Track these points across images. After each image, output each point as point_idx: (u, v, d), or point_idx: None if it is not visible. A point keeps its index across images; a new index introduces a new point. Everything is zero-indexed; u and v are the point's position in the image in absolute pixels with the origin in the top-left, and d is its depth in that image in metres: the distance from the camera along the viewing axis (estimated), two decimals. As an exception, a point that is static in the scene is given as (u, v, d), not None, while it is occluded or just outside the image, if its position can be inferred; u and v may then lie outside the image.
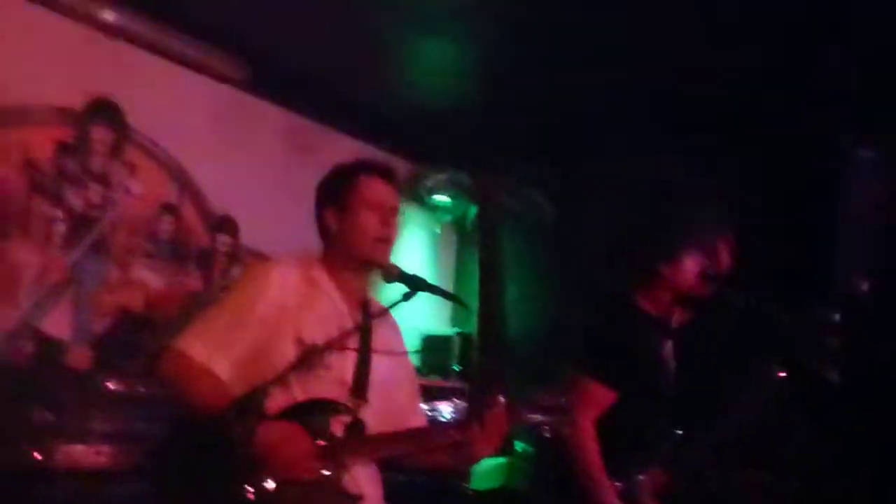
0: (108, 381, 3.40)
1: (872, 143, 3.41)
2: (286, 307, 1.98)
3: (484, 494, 4.21)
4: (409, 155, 5.35)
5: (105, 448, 3.12)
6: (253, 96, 4.46)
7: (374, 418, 2.02)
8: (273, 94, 4.54)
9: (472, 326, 4.97)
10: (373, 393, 2.03)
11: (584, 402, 2.59)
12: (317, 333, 1.96)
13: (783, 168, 3.44)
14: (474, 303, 5.03)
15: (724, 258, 2.82)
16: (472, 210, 5.34)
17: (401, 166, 5.36)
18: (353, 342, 2.01)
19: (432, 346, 4.92)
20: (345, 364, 2.00)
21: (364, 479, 2.00)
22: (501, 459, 4.54)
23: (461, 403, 4.37)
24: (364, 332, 2.05)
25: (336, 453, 1.90)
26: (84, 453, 3.10)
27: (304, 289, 2.04)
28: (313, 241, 2.17)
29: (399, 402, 2.16)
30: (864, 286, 3.41)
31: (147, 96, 3.96)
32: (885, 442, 3.40)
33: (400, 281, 2.01)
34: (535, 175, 5.13)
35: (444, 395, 4.36)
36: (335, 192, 2.11)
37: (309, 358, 1.80)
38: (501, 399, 1.99)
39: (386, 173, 2.15)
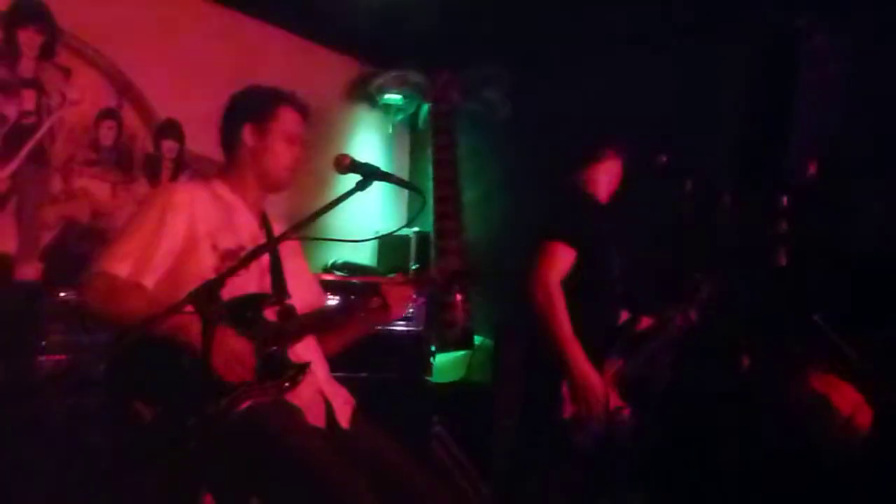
0: (59, 293, 3.33)
1: (828, 28, 3.38)
2: (196, 220, 2.13)
3: (445, 387, 4.30)
4: (360, 53, 5.23)
5: (63, 358, 3.09)
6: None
7: (296, 307, 2.23)
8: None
9: (429, 225, 4.96)
10: (290, 288, 2.23)
11: (550, 261, 2.80)
12: (230, 240, 2.14)
13: (738, 52, 3.43)
14: (430, 202, 5.01)
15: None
16: (425, 109, 5.25)
17: (351, 66, 5.25)
18: (270, 245, 2.17)
19: (389, 246, 4.92)
20: (261, 265, 2.17)
21: (304, 349, 2.18)
22: (462, 352, 4.64)
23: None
24: (270, 235, 2.28)
25: (276, 334, 2.08)
26: (42, 365, 3.06)
27: (211, 202, 2.20)
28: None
29: (311, 296, 2.38)
30: (812, 171, 3.45)
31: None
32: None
33: (353, 171, 2.01)
34: (491, 73, 5.04)
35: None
36: (256, 112, 2.26)
37: (232, 272, 1.83)
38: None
39: (304, 108, 2.31)
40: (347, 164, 1.99)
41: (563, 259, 2.83)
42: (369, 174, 1.97)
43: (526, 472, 2.99)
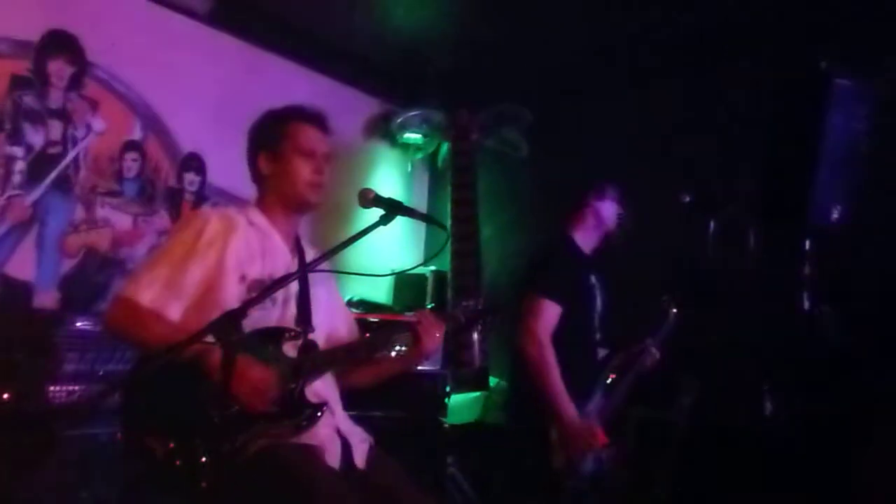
0: (76, 322, 3.33)
1: (852, 71, 3.38)
2: (227, 248, 2.07)
3: (460, 428, 4.24)
4: (381, 93, 5.27)
5: (76, 388, 3.07)
6: (217, 29, 4.32)
7: (321, 342, 2.17)
8: (237, 27, 4.40)
9: (446, 264, 4.94)
10: (316, 319, 2.16)
11: (538, 316, 2.91)
12: (260, 271, 2.08)
13: (762, 95, 3.43)
14: (448, 242, 4.99)
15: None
16: (445, 147, 5.26)
17: (372, 104, 5.29)
18: (293, 276, 2.08)
19: (406, 284, 4.89)
20: (288, 296, 2.11)
21: (321, 387, 2.13)
22: (477, 393, 4.57)
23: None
24: (301, 262, 2.17)
25: (295, 371, 2.02)
26: (56, 394, 3.05)
27: (244, 231, 2.12)
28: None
29: (339, 325, 2.33)
30: (836, 214, 3.42)
31: (107, 29, 3.82)
32: (858, 364, 3.42)
33: (376, 205, 2.00)
34: (510, 112, 5.05)
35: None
36: (268, 138, 2.20)
37: (259, 299, 1.82)
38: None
39: (318, 120, 2.22)
40: (371, 199, 1.98)
41: (550, 314, 2.94)
42: (393, 208, 1.96)
43: None
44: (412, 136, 5.23)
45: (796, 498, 3.23)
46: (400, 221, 1.99)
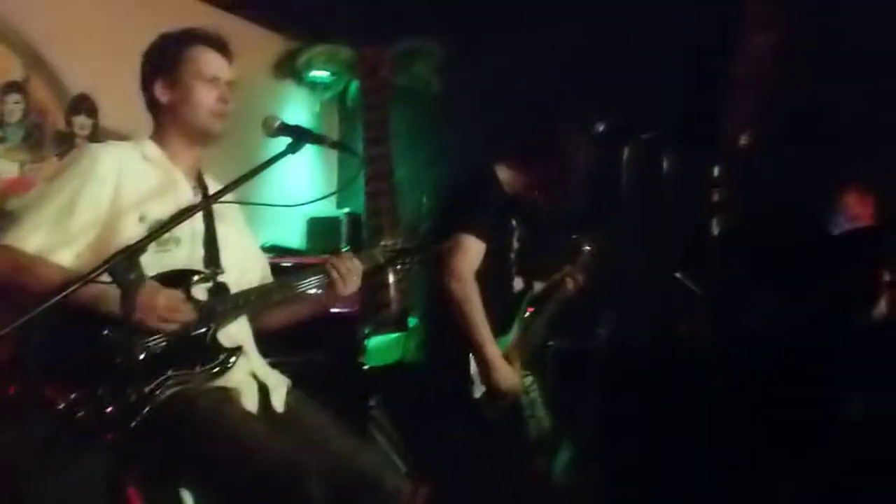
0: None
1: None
2: (122, 187, 1.93)
3: (380, 370, 4.20)
4: (286, 29, 5.05)
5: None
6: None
7: (232, 284, 2.03)
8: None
9: (360, 206, 4.84)
10: (226, 260, 2.03)
11: (463, 254, 2.82)
12: (160, 210, 1.92)
13: (673, 21, 3.43)
14: (360, 183, 4.88)
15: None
16: (354, 85, 5.11)
17: (277, 41, 5.06)
18: (198, 216, 1.96)
19: (319, 227, 4.78)
20: (194, 236, 1.99)
21: (235, 330, 2.01)
22: (395, 335, 4.53)
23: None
24: (206, 203, 2.01)
25: (206, 316, 1.89)
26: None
27: (139, 166, 1.99)
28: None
29: (251, 265, 2.19)
30: (745, 139, 3.50)
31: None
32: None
33: (283, 133, 1.90)
34: (421, 48, 4.93)
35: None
36: (165, 63, 2.04)
37: (156, 235, 1.71)
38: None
39: (219, 43, 2.09)
40: (277, 127, 1.88)
41: (474, 252, 2.87)
42: (302, 136, 1.86)
43: (445, 450, 3.00)
44: (319, 75, 5.05)
45: (718, 421, 3.32)
46: (310, 160, 1.89)
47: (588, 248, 3.21)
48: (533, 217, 3.10)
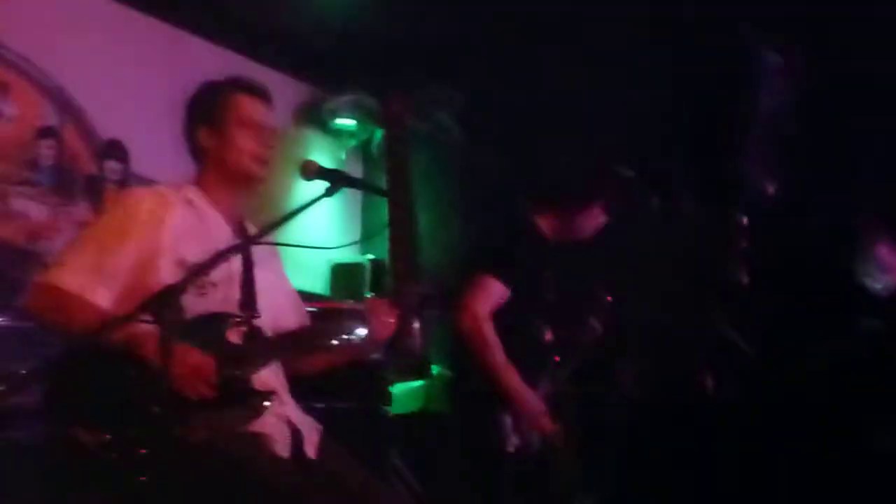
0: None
1: (779, 48, 3.42)
2: (162, 230, 1.95)
3: (403, 418, 4.16)
4: (311, 77, 5.12)
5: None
6: (140, 12, 4.12)
7: (268, 328, 2.04)
8: (161, 9, 4.20)
9: (385, 253, 4.84)
10: (261, 304, 2.05)
11: (480, 294, 2.75)
12: (199, 254, 1.92)
13: (693, 72, 3.45)
14: (384, 229, 4.89)
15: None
16: (378, 134, 5.16)
17: (302, 89, 5.13)
18: (236, 259, 1.98)
19: (343, 273, 4.79)
20: (230, 280, 2.00)
21: (268, 375, 2.00)
22: (419, 382, 4.50)
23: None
24: (245, 248, 2.04)
25: (239, 359, 1.89)
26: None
27: (181, 210, 2.01)
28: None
29: (287, 310, 2.20)
30: (771, 190, 3.48)
31: (19, 10, 3.59)
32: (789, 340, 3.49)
33: (319, 177, 1.91)
34: (443, 96, 4.98)
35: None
36: (207, 110, 2.08)
37: (194, 276, 1.73)
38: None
39: (261, 91, 2.13)
40: (315, 170, 1.90)
41: (493, 292, 2.79)
42: (339, 180, 1.88)
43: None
44: (344, 123, 5.10)
45: (739, 474, 3.27)
46: (333, 205, 1.90)
47: (610, 298, 3.13)
48: (567, 264, 3.07)
